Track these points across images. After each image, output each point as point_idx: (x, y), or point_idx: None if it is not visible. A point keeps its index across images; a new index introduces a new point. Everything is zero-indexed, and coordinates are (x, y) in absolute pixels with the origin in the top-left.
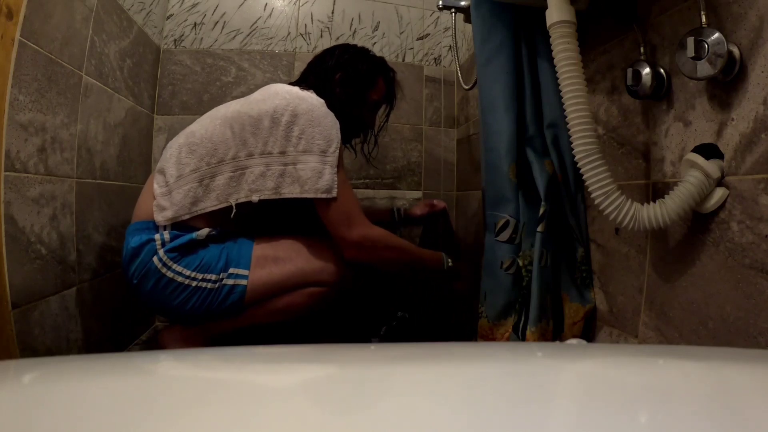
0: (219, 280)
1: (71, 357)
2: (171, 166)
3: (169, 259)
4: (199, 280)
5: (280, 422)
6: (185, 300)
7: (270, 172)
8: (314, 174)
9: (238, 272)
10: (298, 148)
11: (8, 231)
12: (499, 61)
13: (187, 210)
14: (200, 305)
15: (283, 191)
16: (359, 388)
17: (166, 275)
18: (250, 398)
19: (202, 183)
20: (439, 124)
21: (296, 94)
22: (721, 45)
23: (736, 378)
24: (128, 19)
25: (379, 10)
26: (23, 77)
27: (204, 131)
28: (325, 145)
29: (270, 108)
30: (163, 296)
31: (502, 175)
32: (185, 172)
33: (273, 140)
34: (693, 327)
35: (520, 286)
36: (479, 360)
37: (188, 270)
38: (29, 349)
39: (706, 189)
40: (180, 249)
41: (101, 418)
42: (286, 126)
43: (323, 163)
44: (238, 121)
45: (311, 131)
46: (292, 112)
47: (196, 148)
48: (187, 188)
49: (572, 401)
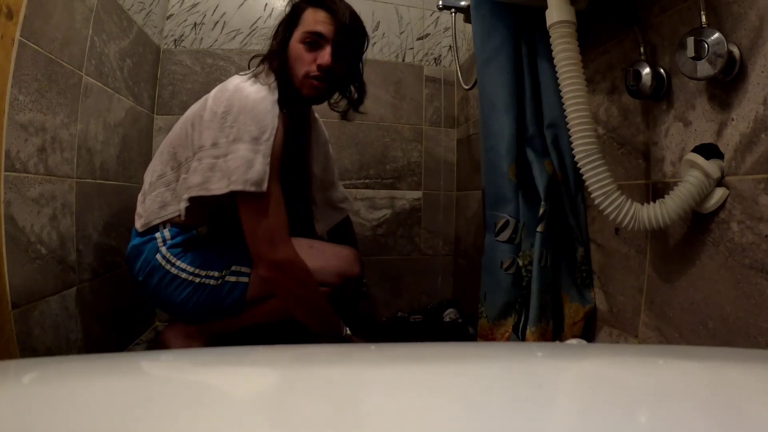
0: (221, 277)
1: (71, 357)
2: (147, 175)
3: (173, 256)
4: (202, 277)
5: (280, 422)
6: (189, 296)
7: (200, 166)
8: (243, 163)
9: (241, 270)
10: (229, 137)
11: (8, 231)
12: (499, 61)
13: (156, 215)
14: (203, 302)
15: (211, 187)
16: (359, 388)
17: (171, 271)
18: (250, 398)
19: (169, 187)
20: (439, 124)
21: (237, 84)
22: (721, 45)
23: (736, 378)
24: (128, 19)
25: (379, 10)
26: (23, 77)
27: (172, 135)
28: (257, 131)
29: (212, 102)
30: (168, 292)
31: (502, 175)
32: (155, 179)
33: (208, 133)
34: (693, 327)
35: (520, 286)
36: (479, 360)
37: (191, 267)
38: (29, 349)
39: (706, 189)
40: (183, 245)
41: (101, 418)
42: (221, 117)
43: (254, 152)
44: (191, 120)
45: (243, 118)
46: (228, 102)
47: (164, 154)
48: (155, 194)
49: (572, 401)
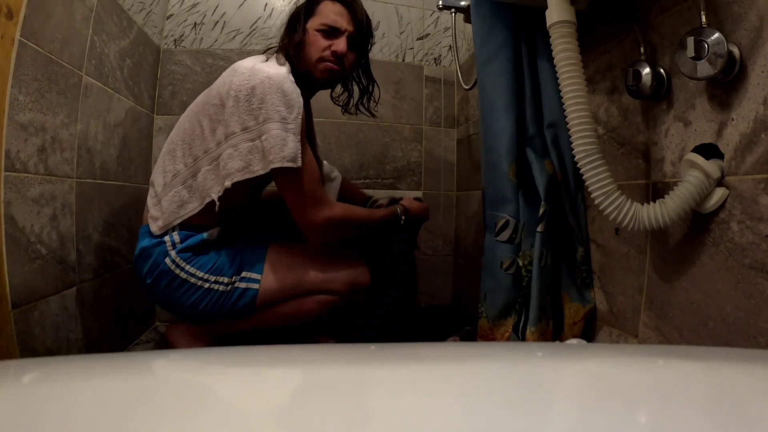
0: (231, 283)
1: (71, 357)
2: (158, 176)
3: (182, 260)
4: (211, 282)
5: (282, 421)
6: (198, 301)
7: (237, 152)
8: (278, 142)
9: (251, 276)
10: (259, 119)
11: (8, 231)
12: (499, 61)
13: (175, 214)
14: (212, 306)
15: (254, 168)
16: (360, 388)
17: (180, 276)
18: (252, 398)
19: (186, 184)
20: (439, 124)
21: (252, 66)
22: (721, 45)
23: (736, 378)
24: (128, 19)
25: (379, 10)
26: (23, 77)
27: (177, 133)
28: (285, 111)
29: (230, 88)
30: (176, 296)
31: (502, 175)
32: (169, 179)
33: (236, 119)
34: (693, 327)
35: (520, 286)
36: (479, 360)
37: (201, 272)
38: (29, 349)
39: (706, 189)
40: (192, 249)
41: (101, 418)
42: (246, 101)
43: (285, 130)
44: (204, 112)
45: (270, 98)
46: (249, 85)
47: (175, 153)
48: (172, 194)
49: (572, 401)
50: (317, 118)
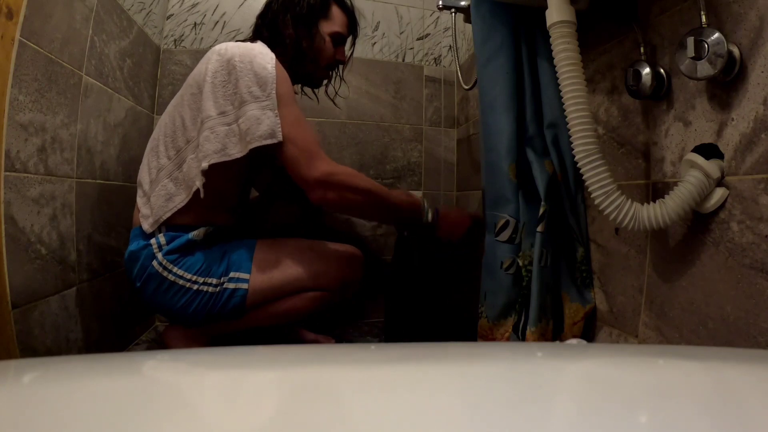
0: (220, 284)
1: (71, 357)
2: (144, 175)
3: (169, 262)
4: (200, 284)
5: (279, 421)
6: (187, 303)
7: (214, 135)
8: (253, 122)
9: (239, 276)
10: (234, 104)
11: (8, 231)
12: (499, 61)
13: (164, 208)
14: (202, 308)
15: (230, 152)
16: (359, 388)
17: (168, 279)
18: (250, 398)
19: (172, 177)
20: (439, 124)
21: (228, 48)
22: (721, 45)
23: (736, 378)
24: (128, 19)
25: (379, 10)
26: (23, 77)
27: (159, 130)
28: (258, 90)
29: (206, 73)
30: (165, 299)
31: (502, 175)
32: (155, 175)
33: (211, 103)
34: (693, 327)
35: (520, 286)
36: (479, 360)
37: (189, 273)
38: (29, 349)
39: (706, 189)
40: (179, 251)
41: (101, 418)
42: (222, 86)
43: (261, 108)
44: (184, 103)
45: (243, 81)
46: (227, 67)
47: (158, 149)
48: (159, 188)
49: (572, 401)
50: (317, 118)
